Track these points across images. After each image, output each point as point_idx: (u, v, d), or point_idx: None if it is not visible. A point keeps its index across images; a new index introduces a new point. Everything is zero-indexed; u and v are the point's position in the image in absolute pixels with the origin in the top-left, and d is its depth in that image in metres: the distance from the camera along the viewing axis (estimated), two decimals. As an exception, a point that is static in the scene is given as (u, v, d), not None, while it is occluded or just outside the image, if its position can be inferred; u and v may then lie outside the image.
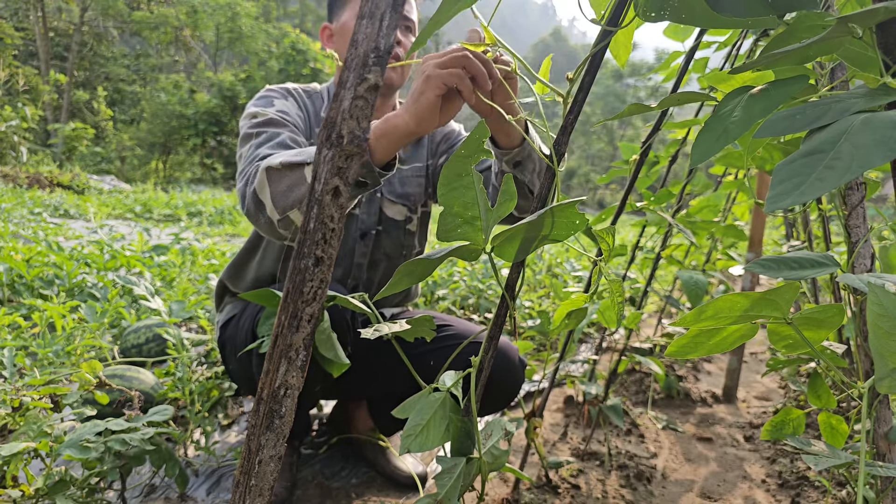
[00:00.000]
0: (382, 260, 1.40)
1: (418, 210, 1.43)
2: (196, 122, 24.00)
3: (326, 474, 1.44)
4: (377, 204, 1.37)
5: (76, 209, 8.60)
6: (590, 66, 0.57)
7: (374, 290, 1.41)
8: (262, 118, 1.22)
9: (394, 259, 1.41)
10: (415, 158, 1.43)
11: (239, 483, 0.45)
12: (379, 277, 1.41)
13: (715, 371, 2.62)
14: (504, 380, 1.29)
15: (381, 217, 1.38)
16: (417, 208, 1.43)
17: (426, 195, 1.44)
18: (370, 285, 1.41)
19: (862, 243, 0.57)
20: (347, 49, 0.41)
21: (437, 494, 0.50)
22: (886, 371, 0.39)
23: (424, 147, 1.45)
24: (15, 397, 1.24)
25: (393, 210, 1.39)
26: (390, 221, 1.39)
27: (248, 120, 1.23)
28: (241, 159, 1.18)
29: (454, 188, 0.50)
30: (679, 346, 0.56)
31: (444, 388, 0.56)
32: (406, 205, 1.40)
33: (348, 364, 0.65)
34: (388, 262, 1.41)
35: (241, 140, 1.22)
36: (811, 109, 0.39)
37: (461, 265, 3.58)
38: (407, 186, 1.40)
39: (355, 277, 1.38)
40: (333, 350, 0.60)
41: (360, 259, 1.38)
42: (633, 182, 1.12)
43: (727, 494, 1.45)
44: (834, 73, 0.61)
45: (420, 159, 1.43)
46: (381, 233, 1.38)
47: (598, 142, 46.36)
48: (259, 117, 1.22)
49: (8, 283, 2.72)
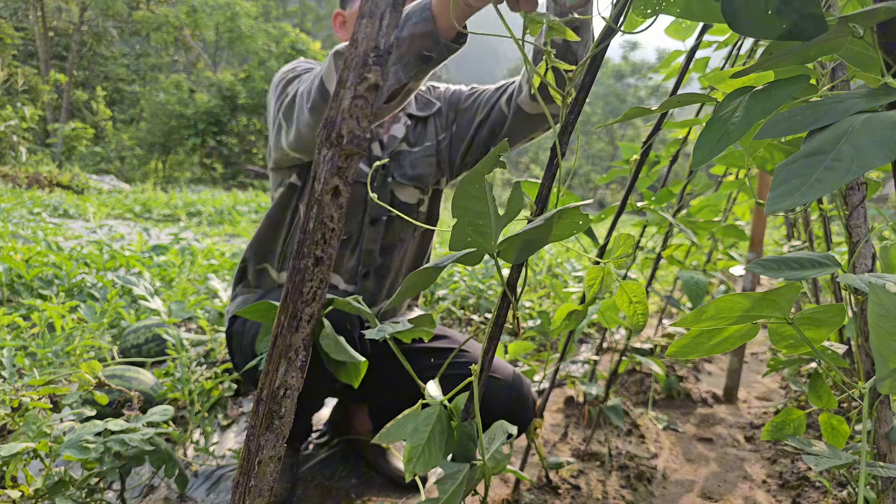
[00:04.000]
0: (396, 244, 1.38)
1: (429, 190, 1.41)
2: (196, 122, 23.99)
3: (326, 474, 1.44)
4: (388, 189, 1.35)
5: (75, 209, 8.60)
6: (590, 65, 0.57)
7: (390, 276, 1.40)
8: (305, 67, 1.24)
9: (406, 241, 1.40)
10: (424, 138, 1.41)
11: (238, 483, 0.45)
12: (393, 262, 1.39)
13: (716, 371, 2.61)
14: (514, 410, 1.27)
15: (394, 201, 1.36)
16: (429, 188, 1.40)
17: (438, 173, 1.41)
18: (384, 272, 1.39)
19: (863, 243, 0.57)
20: (347, 49, 0.41)
21: (438, 499, 0.49)
22: (887, 371, 0.39)
23: (433, 125, 1.42)
24: (14, 397, 1.24)
25: (406, 193, 1.37)
26: (403, 206, 1.37)
27: (285, 73, 1.25)
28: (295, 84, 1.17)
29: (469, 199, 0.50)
30: (680, 346, 0.56)
31: (435, 402, 0.55)
32: (419, 187, 1.38)
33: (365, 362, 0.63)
34: (402, 246, 1.39)
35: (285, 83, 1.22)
36: (812, 110, 0.39)
37: (461, 265, 3.58)
38: (418, 168, 1.38)
39: (367, 264, 1.36)
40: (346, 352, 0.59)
41: (372, 245, 1.35)
42: (634, 182, 1.11)
43: (728, 495, 1.45)
44: (835, 73, 0.60)
45: (429, 138, 1.41)
46: (394, 217, 1.36)
47: (598, 142, 46.36)
48: (301, 67, 1.24)
49: (7, 283, 2.72)
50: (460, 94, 1.42)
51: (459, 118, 1.39)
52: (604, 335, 1.73)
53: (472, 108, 1.36)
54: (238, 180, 23.40)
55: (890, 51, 0.45)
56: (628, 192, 1.12)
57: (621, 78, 48.66)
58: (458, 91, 1.43)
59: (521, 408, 1.28)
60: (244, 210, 10.32)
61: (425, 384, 0.60)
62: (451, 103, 1.42)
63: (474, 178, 0.49)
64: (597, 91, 47.11)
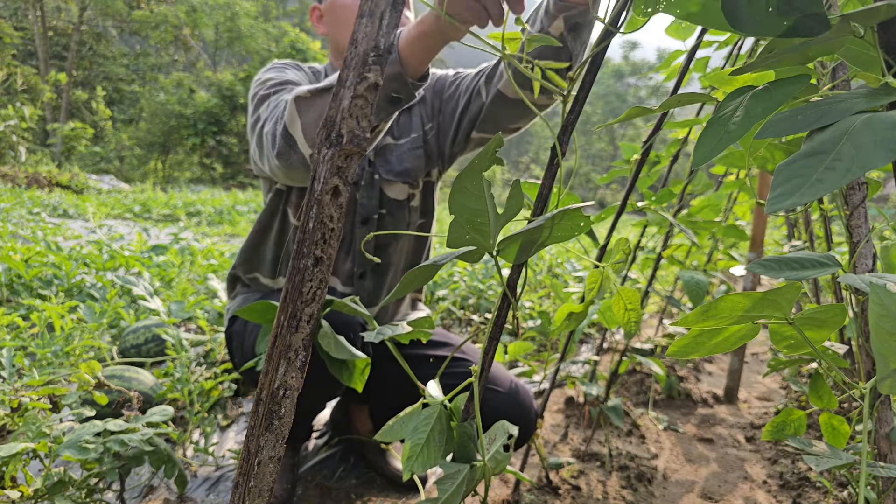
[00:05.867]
0: (390, 242, 1.35)
1: (419, 183, 1.36)
2: (195, 121, 23.99)
3: (326, 474, 1.44)
4: (377, 186, 1.32)
5: (75, 209, 8.60)
6: (591, 65, 0.57)
7: (389, 274, 1.37)
8: (280, 79, 1.20)
9: (400, 239, 1.36)
10: (409, 130, 1.35)
11: (238, 484, 0.45)
12: (390, 260, 1.36)
13: (716, 371, 2.61)
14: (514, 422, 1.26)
15: (383, 199, 1.32)
16: (419, 182, 1.36)
17: (429, 165, 1.36)
18: (382, 271, 1.36)
19: (863, 243, 0.57)
20: (347, 48, 0.41)
21: (438, 499, 0.49)
22: (888, 371, 0.39)
23: (417, 115, 1.37)
24: (14, 398, 1.24)
25: (394, 190, 1.33)
26: (393, 203, 1.33)
27: (261, 85, 1.21)
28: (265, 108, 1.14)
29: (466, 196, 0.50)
30: (680, 346, 0.56)
31: (435, 402, 0.55)
32: (407, 181, 1.33)
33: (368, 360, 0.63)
34: (397, 244, 1.36)
35: (258, 101, 1.18)
36: (812, 110, 0.39)
37: (461, 265, 3.58)
38: (405, 162, 1.33)
39: (362, 265, 1.33)
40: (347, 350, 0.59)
41: (365, 245, 1.33)
42: (634, 182, 1.11)
43: (728, 495, 1.45)
44: (835, 73, 0.60)
45: (415, 129, 1.35)
46: (385, 215, 1.33)
47: (598, 141, 46.36)
48: (276, 79, 1.20)
49: (7, 283, 2.72)
50: (445, 81, 1.36)
51: (444, 107, 1.34)
52: (604, 335, 1.72)
53: (455, 95, 1.31)
54: (238, 180, 23.41)
55: (890, 50, 0.45)
56: (629, 191, 1.12)
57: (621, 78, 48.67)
58: (442, 77, 1.37)
59: (523, 419, 1.25)
60: (244, 210, 10.32)
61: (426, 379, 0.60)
62: (436, 91, 1.36)
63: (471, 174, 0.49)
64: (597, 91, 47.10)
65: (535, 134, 58.54)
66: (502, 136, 0.51)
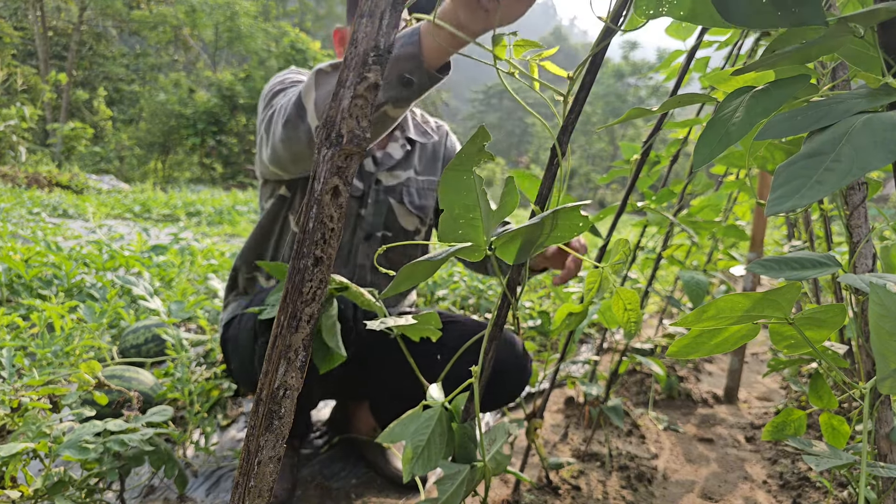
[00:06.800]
0: (402, 261, 1.42)
1: (428, 222, 1.47)
2: (195, 121, 23.98)
3: (326, 475, 1.44)
4: (385, 206, 1.39)
5: (75, 209, 8.59)
6: (591, 65, 0.57)
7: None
8: (297, 79, 1.24)
9: (396, 267, 1.42)
10: (431, 171, 1.47)
11: (238, 484, 0.45)
12: (383, 283, 1.42)
13: (716, 371, 2.61)
14: (510, 370, 1.29)
15: (393, 224, 1.40)
16: (428, 220, 1.46)
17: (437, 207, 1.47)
18: (381, 288, 1.42)
19: (863, 243, 0.57)
20: (347, 48, 0.41)
21: (438, 500, 0.49)
22: (888, 371, 0.39)
23: (440, 160, 1.49)
24: (14, 398, 1.24)
25: (407, 220, 1.42)
26: (401, 231, 1.42)
27: (278, 83, 1.23)
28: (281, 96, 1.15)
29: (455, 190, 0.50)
30: (680, 346, 0.56)
31: (436, 403, 0.55)
32: (420, 216, 1.43)
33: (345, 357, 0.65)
34: (394, 269, 1.42)
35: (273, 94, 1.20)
36: (812, 110, 0.39)
37: (461, 265, 3.58)
38: (423, 199, 1.44)
39: (361, 279, 1.38)
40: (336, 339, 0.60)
41: (364, 261, 1.38)
42: (634, 182, 1.11)
43: (728, 495, 1.45)
44: (835, 73, 0.60)
45: (436, 173, 1.47)
46: (390, 238, 1.40)
47: (598, 141, 46.34)
48: (293, 78, 1.24)
49: (6, 283, 2.72)
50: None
51: None
52: (604, 335, 1.72)
53: None
54: (237, 180, 23.40)
55: (890, 50, 0.45)
56: (629, 191, 1.12)
57: (621, 78, 48.67)
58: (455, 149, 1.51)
59: (520, 368, 1.32)
60: (243, 210, 10.32)
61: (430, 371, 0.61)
62: (446, 160, 1.49)
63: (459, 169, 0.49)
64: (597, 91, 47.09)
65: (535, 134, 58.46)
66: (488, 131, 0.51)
